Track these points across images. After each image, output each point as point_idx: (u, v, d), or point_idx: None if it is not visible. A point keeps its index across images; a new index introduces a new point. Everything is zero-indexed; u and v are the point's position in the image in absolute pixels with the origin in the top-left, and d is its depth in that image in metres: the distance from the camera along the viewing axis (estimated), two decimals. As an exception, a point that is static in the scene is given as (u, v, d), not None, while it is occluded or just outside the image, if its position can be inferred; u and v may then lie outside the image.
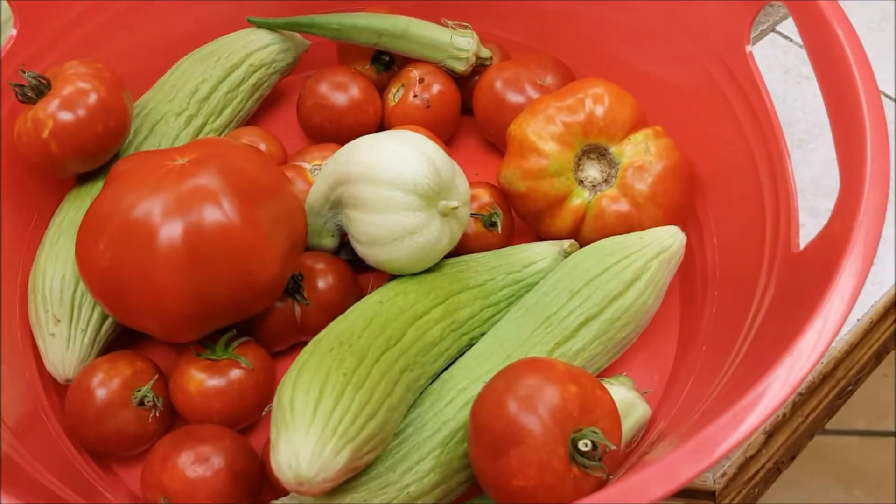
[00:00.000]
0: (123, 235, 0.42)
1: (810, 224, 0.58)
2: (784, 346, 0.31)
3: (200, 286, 0.42)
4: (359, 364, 0.39)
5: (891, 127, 0.63)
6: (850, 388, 0.53)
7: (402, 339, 0.43)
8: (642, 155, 0.51)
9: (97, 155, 0.50)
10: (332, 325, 0.43)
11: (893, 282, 0.54)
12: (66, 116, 0.48)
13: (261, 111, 0.63)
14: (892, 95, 0.66)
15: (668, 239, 0.47)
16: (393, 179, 0.45)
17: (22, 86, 0.49)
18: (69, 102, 0.48)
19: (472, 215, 0.52)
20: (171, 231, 0.41)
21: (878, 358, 0.55)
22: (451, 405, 0.42)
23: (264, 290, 0.44)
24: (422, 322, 0.44)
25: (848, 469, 1.15)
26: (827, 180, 0.60)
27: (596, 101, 0.51)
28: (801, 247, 0.40)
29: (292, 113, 0.62)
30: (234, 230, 0.42)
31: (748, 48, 0.48)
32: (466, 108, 0.62)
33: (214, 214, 0.42)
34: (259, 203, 0.44)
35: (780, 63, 0.68)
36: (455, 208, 0.46)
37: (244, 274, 0.43)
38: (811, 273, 0.36)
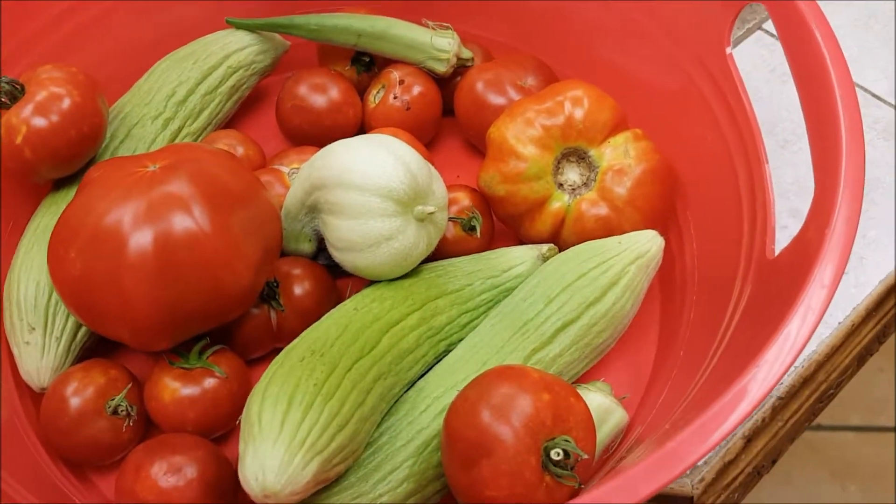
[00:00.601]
0: (94, 244, 0.42)
1: (792, 225, 0.57)
2: (751, 356, 0.31)
3: (171, 295, 0.41)
4: (330, 373, 0.39)
5: (890, 123, 0.63)
6: (831, 391, 0.53)
7: (377, 346, 0.42)
8: (621, 158, 0.50)
9: (72, 161, 0.50)
10: (305, 333, 0.43)
11: (875, 284, 0.54)
12: (39, 122, 0.48)
13: (240, 113, 0.62)
14: (877, 92, 0.65)
15: (647, 243, 0.47)
16: (368, 185, 0.45)
17: (-5, 90, 0.48)
18: (43, 108, 0.48)
19: (451, 219, 0.52)
20: (141, 239, 0.41)
21: (860, 360, 0.55)
22: (425, 413, 0.42)
23: (236, 298, 0.44)
24: (397, 329, 0.44)
25: (843, 464, 1.15)
26: (810, 182, 0.59)
27: (575, 103, 0.51)
28: (777, 253, 0.39)
29: (272, 114, 0.62)
30: (204, 238, 0.42)
31: (728, 50, 0.47)
32: (448, 109, 0.62)
33: (185, 223, 0.42)
34: (231, 210, 0.43)
35: (766, 62, 0.67)
36: (432, 213, 0.46)
37: (215, 283, 0.42)
38: (784, 281, 0.36)
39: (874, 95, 0.64)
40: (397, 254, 0.46)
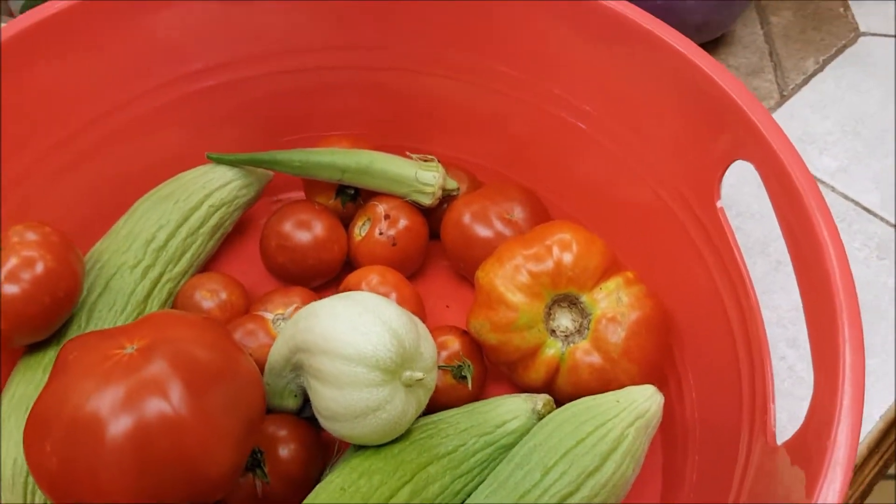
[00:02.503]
0: (70, 437, 0.40)
1: (790, 356, 0.56)
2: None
3: (150, 488, 0.39)
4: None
5: (885, 240, 0.62)
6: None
7: (366, 537, 0.41)
8: (615, 306, 0.49)
9: (47, 327, 0.48)
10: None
11: (876, 419, 0.53)
12: (11, 290, 0.46)
13: (223, 242, 0.61)
14: (868, 205, 0.64)
15: (646, 402, 0.46)
16: (352, 355, 0.43)
17: (-35, 255, 0.47)
18: (13, 275, 0.46)
19: (441, 367, 0.50)
20: (118, 432, 0.39)
21: (863, 495, 0.54)
22: None
23: (218, 484, 0.42)
24: (388, 509, 0.42)
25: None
26: (806, 306, 0.58)
27: (563, 248, 0.50)
28: (779, 441, 0.38)
29: (255, 242, 0.60)
30: (184, 427, 0.40)
31: (718, 204, 0.46)
32: (435, 233, 0.60)
33: (163, 411, 0.40)
34: (211, 390, 0.41)
35: (755, 175, 0.65)
36: (420, 380, 0.45)
37: (196, 470, 0.40)
38: (785, 484, 0.35)
39: (865, 209, 0.63)
40: (385, 424, 0.44)
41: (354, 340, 0.44)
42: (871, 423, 0.53)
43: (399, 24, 0.56)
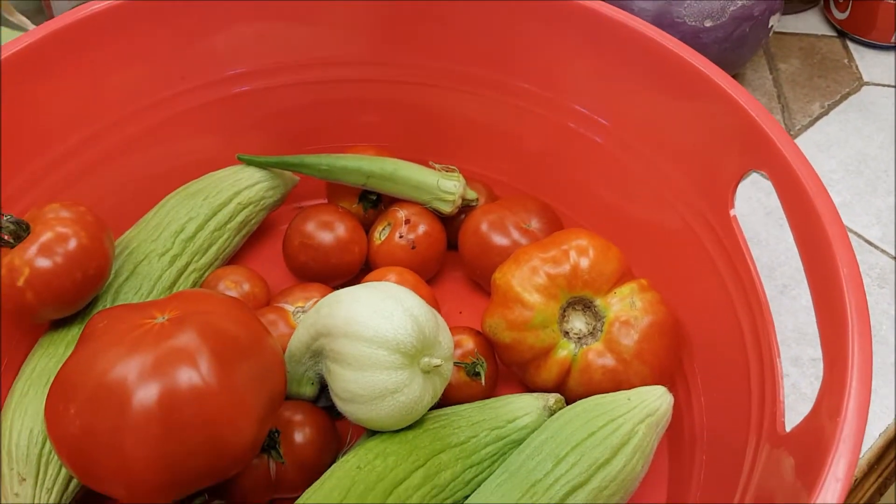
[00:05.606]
0: (95, 401, 0.41)
1: (794, 374, 0.58)
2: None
3: (173, 455, 0.40)
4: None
5: (885, 269, 0.64)
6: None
7: (381, 512, 0.41)
8: (628, 310, 0.50)
9: (75, 303, 0.49)
10: (304, 497, 0.42)
11: (876, 437, 0.54)
12: (43, 264, 0.47)
13: (246, 242, 0.63)
14: (870, 238, 0.66)
15: (656, 401, 0.47)
16: (374, 337, 0.45)
17: (-1, 229, 0.48)
18: (47, 249, 0.47)
19: (455, 364, 0.52)
20: (145, 397, 0.40)
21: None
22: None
23: (239, 456, 0.43)
24: (401, 490, 0.43)
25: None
26: (810, 328, 0.60)
27: (581, 253, 0.51)
28: (788, 428, 0.39)
29: (277, 245, 0.62)
30: (210, 395, 0.41)
31: (732, 212, 0.48)
32: (452, 244, 0.62)
33: (192, 379, 0.41)
34: (238, 363, 0.43)
35: (763, 204, 0.68)
36: (438, 366, 0.46)
37: (219, 441, 0.41)
38: (797, 462, 0.36)
39: (867, 241, 0.66)
40: (402, 407, 0.45)
41: (376, 323, 0.45)
42: (871, 440, 0.54)
43: (424, 41, 0.59)
